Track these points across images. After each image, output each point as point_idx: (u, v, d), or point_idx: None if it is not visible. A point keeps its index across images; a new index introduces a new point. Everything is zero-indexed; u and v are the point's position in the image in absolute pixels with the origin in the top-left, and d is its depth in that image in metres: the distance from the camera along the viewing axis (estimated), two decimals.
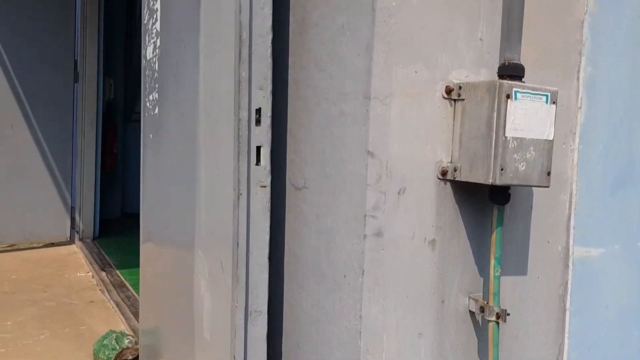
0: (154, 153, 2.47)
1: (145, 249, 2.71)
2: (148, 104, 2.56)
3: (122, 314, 3.59)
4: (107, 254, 5.17)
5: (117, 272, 4.57)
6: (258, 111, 1.33)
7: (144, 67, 2.68)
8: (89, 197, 5.73)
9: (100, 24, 5.70)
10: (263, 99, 1.35)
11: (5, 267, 4.71)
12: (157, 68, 2.37)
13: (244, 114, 1.32)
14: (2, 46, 5.29)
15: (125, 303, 3.76)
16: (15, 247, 5.42)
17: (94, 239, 5.76)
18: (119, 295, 3.94)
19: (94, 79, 5.67)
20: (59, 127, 5.57)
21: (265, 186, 1.36)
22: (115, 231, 6.33)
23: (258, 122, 1.33)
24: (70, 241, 5.70)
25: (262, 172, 1.36)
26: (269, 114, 1.37)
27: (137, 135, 7.88)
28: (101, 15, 5.73)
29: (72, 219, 5.71)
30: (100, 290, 4.16)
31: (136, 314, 3.49)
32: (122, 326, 3.42)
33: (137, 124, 8.32)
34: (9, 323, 3.39)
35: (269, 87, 1.36)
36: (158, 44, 2.30)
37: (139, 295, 4.00)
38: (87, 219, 5.71)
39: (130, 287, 4.12)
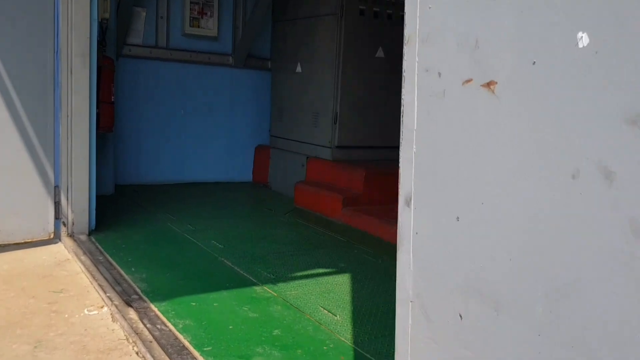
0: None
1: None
2: None
3: None
4: (120, 266, 3.31)
5: (153, 308, 2.74)
6: None
7: None
8: (81, 170, 3.79)
9: None
10: None
11: None
12: None
13: None
14: None
15: None
16: None
17: (89, 234, 3.86)
18: None
19: None
20: (33, 64, 3.55)
21: None
22: (116, 218, 4.42)
23: None
24: (55, 238, 3.78)
25: None
26: None
27: (132, 77, 5.76)
28: None
29: (57, 205, 3.78)
30: (137, 353, 2.35)
31: None
32: None
33: (131, 61, 6.00)
34: None
35: None
36: None
37: None
38: (78, 205, 3.79)
39: (195, 353, 2.32)
